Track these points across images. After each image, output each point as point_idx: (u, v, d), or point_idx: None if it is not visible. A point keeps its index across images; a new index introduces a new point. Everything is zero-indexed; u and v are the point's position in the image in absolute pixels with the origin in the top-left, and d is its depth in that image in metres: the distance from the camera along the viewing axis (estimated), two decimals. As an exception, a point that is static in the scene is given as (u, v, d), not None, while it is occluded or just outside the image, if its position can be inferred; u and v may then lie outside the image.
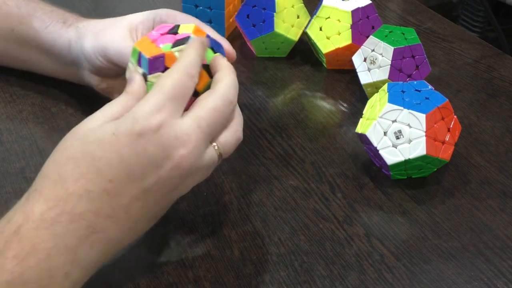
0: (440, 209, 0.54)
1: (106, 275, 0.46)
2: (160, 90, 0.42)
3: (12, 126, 0.61)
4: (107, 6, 0.87)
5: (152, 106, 0.41)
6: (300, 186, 0.55)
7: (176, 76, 0.43)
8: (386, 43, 0.63)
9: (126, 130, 0.40)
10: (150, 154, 0.40)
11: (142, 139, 0.40)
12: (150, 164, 0.40)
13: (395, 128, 0.53)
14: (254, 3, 0.72)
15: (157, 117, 0.41)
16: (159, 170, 0.41)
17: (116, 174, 0.39)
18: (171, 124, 0.41)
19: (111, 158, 0.39)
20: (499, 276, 0.48)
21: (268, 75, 0.72)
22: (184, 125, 0.42)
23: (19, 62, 0.65)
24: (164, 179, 0.41)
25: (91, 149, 0.39)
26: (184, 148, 0.41)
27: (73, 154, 0.39)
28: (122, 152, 0.39)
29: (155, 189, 0.41)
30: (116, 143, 0.39)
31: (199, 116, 0.42)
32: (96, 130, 0.40)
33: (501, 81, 0.73)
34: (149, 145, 0.40)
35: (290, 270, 0.47)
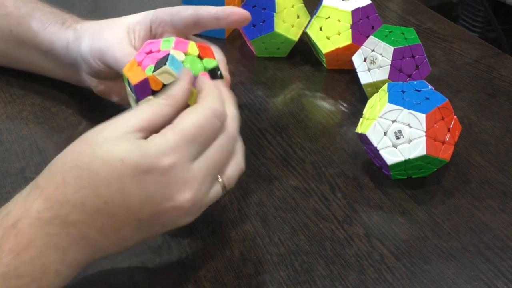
0: (440, 209, 0.54)
1: (106, 275, 0.46)
2: (180, 130, 0.40)
3: (12, 126, 0.61)
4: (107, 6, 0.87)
5: (168, 145, 0.40)
6: (300, 186, 0.55)
7: (201, 116, 0.41)
8: (386, 43, 0.63)
9: (134, 162, 0.39)
10: (152, 192, 0.40)
11: (147, 176, 0.39)
12: (150, 201, 0.40)
13: (395, 128, 0.53)
14: (254, 3, 0.72)
15: (170, 158, 0.39)
16: (158, 207, 0.40)
17: (112, 198, 0.39)
18: (181, 168, 0.40)
19: (112, 182, 0.39)
20: (499, 276, 0.48)
21: (268, 75, 0.72)
22: (194, 168, 0.41)
23: (18, 62, 0.65)
24: (162, 216, 0.41)
25: (97, 165, 0.39)
26: (189, 192, 0.40)
27: (80, 163, 0.39)
28: (124, 181, 0.39)
29: (150, 220, 0.41)
30: (121, 170, 0.39)
31: (209, 156, 0.41)
32: (109, 144, 0.39)
33: (501, 81, 0.73)
34: (153, 185, 0.39)
35: (290, 270, 0.47)
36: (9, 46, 0.63)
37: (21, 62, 0.65)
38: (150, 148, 0.39)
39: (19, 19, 0.61)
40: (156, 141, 0.40)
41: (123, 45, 0.54)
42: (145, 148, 0.39)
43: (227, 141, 0.43)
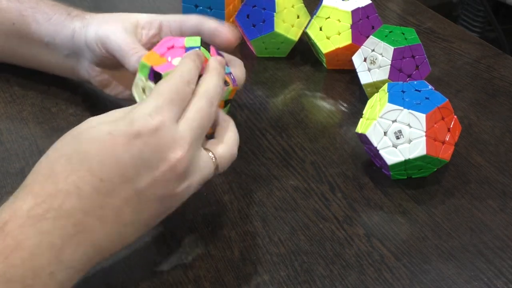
0: (440, 209, 0.54)
1: (106, 275, 0.46)
2: (158, 94, 0.42)
3: (12, 126, 0.61)
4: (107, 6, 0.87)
5: (151, 108, 0.41)
6: (300, 186, 0.55)
7: (173, 82, 0.44)
8: (386, 43, 0.63)
9: (123, 130, 0.40)
10: (146, 156, 0.40)
11: (138, 140, 0.40)
12: (145, 166, 0.40)
13: (395, 128, 0.53)
14: (254, 3, 0.72)
15: (156, 119, 0.41)
16: (154, 171, 0.40)
17: (108, 173, 0.39)
18: (168, 127, 0.41)
19: (105, 157, 0.39)
20: (499, 276, 0.48)
21: (268, 75, 0.72)
22: (180, 128, 0.42)
23: (19, 57, 0.65)
24: (159, 181, 0.41)
25: (85, 147, 0.39)
26: (180, 150, 0.41)
27: (66, 151, 0.39)
28: (117, 152, 0.39)
29: (149, 191, 0.41)
30: (112, 142, 0.39)
31: (189, 118, 0.43)
32: (92, 129, 0.40)
33: (501, 81, 0.73)
34: (145, 147, 0.40)
35: (290, 270, 0.47)
36: (10, 40, 0.63)
37: (21, 57, 0.65)
38: (134, 114, 0.41)
39: (22, 12, 0.62)
40: (138, 108, 0.41)
41: (128, 35, 0.55)
42: (129, 116, 0.41)
43: (205, 104, 0.44)
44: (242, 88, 0.69)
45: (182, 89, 0.44)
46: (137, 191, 0.40)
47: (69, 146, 0.40)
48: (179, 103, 0.43)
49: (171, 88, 0.43)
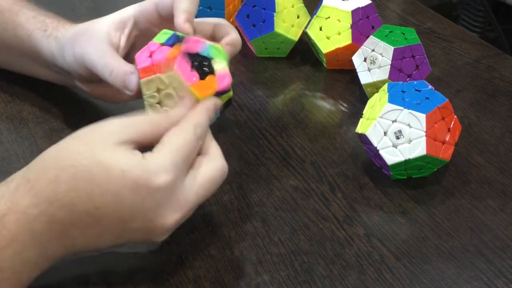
0: (440, 209, 0.54)
1: (106, 275, 0.46)
2: (176, 148, 0.42)
3: (12, 126, 0.61)
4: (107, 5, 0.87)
5: (166, 162, 0.41)
6: (300, 186, 0.55)
7: (189, 137, 0.43)
8: (386, 43, 0.63)
9: (134, 175, 0.40)
10: (146, 207, 0.41)
11: (144, 191, 0.40)
12: (142, 215, 0.41)
13: (395, 128, 0.53)
14: (254, 3, 0.72)
15: (169, 175, 0.41)
16: (148, 222, 0.41)
17: (105, 205, 0.40)
18: (176, 187, 0.41)
19: (108, 191, 0.39)
20: (499, 276, 0.48)
21: (268, 75, 0.72)
22: (186, 189, 0.42)
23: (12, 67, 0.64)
24: (148, 229, 0.42)
25: (95, 171, 0.39)
26: (180, 213, 0.42)
27: (77, 164, 0.39)
28: (120, 192, 0.40)
29: (136, 231, 0.42)
30: (120, 181, 0.40)
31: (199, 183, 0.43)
32: (109, 153, 0.40)
33: (501, 81, 0.73)
34: (148, 200, 0.40)
35: (290, 270, 0.47)
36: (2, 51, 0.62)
37: (14, 67, 0.64)
38: (151, 164, 0.41)
39: (4, 25, 0.60)
40: (154, 158, 0.41)
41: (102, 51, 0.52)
42: (145, 164, 0.40)
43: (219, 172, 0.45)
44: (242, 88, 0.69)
45: (195, 147, 0.43)
46: (125, 229, 0.41)
47: (82, 161, 0.40)
48: (190, 160, 0.43)
49: (188, 145, 0.43)
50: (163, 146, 0.42)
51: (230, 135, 0.62)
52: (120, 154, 0.40)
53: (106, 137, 0.41)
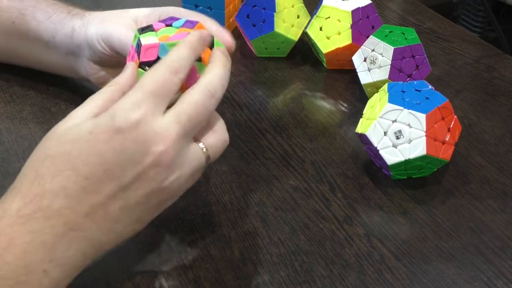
0: (440, 209, 0.54)
1: (106, 275, 0.46)
2: (140, 87, 0.41)
3: (12, 126, 0.61)
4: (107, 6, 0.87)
5: (131, 102, 0.40)
6: (300, 186, 0.55)
7: (158, 73, 0.42)
8: (386, 43, 0.63)
9: (104, 127, 0.40)
10: (128, 151, 0.40)
11: (119, 135, 0.39)
12: (128, 161, 0.40)
13: (395, 128, 0.53)
14: (254, 3, 0.72)
15: (136, 113, 0.40)
16: (138, 166, 0.40)
17: (92, 171, 0.39)
18: (150, 121, 0.40)
19: (88, 155, 0.39)
20: (499, 276, 0.48)
21: (268, 75, 0.72)
22: (164, 120, 0.41)
23: (19, 56, 0.65)
24: (143, 176, 0.40)
25: (68, 148, 0.39)
26: (163, 143, 0.40)
27: (50, 153, 0.39)
28: (99, 149, 0.39)
29: (135, 187, 0.40)
30: (94, 140, 0.39)
31: (179, 111, 0.42)
32: (74, 128, 0.40)
33: (501, 81, 0.73)
34: (127, 142, 0.40)
35: (290, 270, 0.47)
36: (10, 38, 0.63)
37: (21, 56, 0.65)
38: (115, 110, 0.40)
39: (22, 10, 0.62)
40: (119, 104, 0.41)
41: (130, 30, 0.54)
42: (110, 112, 0.40)
43: (203, 98, 0.43)
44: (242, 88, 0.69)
45: (168, 79, 0.42)
46: (122, 187, 0.40)
47: (53, 148, 0.40)
48: (164, 94, 0.42)
49: (154, 79, 0.42)
50: (132, 89, 0.42)
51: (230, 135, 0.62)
52: (83, 123, 0.40)
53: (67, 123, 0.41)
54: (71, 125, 0.41)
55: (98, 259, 0.42)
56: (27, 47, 0.63)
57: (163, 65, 0.43)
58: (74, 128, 0.40)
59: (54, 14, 0.61)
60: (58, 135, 0.40)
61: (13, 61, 0.67)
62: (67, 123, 0.41)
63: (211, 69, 0.45)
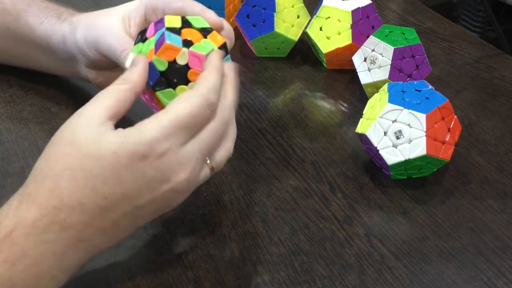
0: (440, 209, 0.54)
1: (106, 275, 0.46)
2: (175, 116, 0.41)
3: (12, 126, 0.61)
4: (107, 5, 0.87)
5: (162, 132, 0.40)
6: (300, 186, 0.55)
7: (195, 104, 0.41)
8: (386, 43, 0.63)
9: (129, 152, 0.39)
10: (149, 178, 0.40)
11: (142, 163, 0.40)
12: (147, 187, 0.40)
13: (395, 128, 0.53)
14: (254, 3, 0.72)
15: (164, 144, 0.40)
16: (155, 192, 0.41)
17: (111, 192, 0.39)
18: (175, 152, 0.41)
19: (109, 176, 0.39)
20: (499, 276, 0.48)
21: (268, 75, 0.72)
22: (187, 151, 0.41)
23: (18, 59, 0.65)
24: (158, 199, 0.41)
25: (90, 164, 0.39)
26: (183, 173, 0.41)
27: (70, 166, 0.39)
28: (121, 172, 0.39)
29: (148, 206, 0.41)
30: (116, 162, 0.39)
31: (201, 139, 0.42)
32: (95, 142, 0.39)
33: (501, 81, 0.73)
34: (149, 170, 0.40)
35: (290, 270, 0.47)
36: (7, 43, 0.63)
37: (20, 59, 0.65)
38: (142, 135, 0.40)
39: (15, 16, 0.61)
40: (148, 127, 0.40)
41: (117, 32, 0.54)
42: (136, 136, 0.40)
43: (220, 126, 0.43)
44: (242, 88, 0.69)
45: (203, 113, 0.42)
46: (136, 207, 0.41)
47: (73, 160, 0.39)
48: (195, 127, 0.42)
49: (190, 111, 0.41)
50: (162, 112, 0.41)
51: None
52: (106, 138, 0.40)
53: (83, 128, 0.40)
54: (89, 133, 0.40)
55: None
56: (25, 51, 0.63)
57: (199, 96, 0.42)
58: (96, 141, 0.40)
59: (45, 20, 0.60)
60: (78, 145, 0.40)
61: (13, 63, 0.67)
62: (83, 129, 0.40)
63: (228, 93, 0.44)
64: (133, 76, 0.43)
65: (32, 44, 0.62)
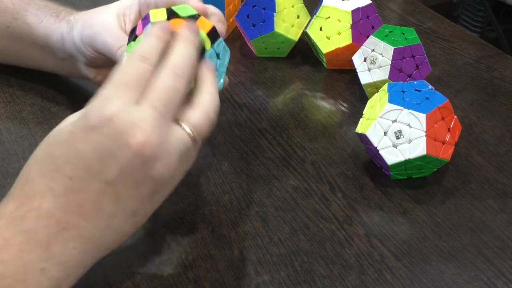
0: (440, 209, 0.54)
1: (106, 275, 0.46)
2: (110, 81, 0.41)
3: (12, 126, 0.61)
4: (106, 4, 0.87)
5: (102, 99, 0.40)
6: (300, 186, 0.55)
7: (126, 64, 0.41)
8: (386, 43, 0.63)
9: (81, 126, 0.40)
10: (106, 146, 0.39)
11: (95, 131, 0.39)
12: (108, 156, 0.39)
13: (395, 128, 0.53)
14: (254, 3, 0.72)
15: (107, 108, 0.39)
16: (119, 160, 0.39)
17: (75, 170, 0.39)
18: (124, 112, 0.39)
19: (69, 155, 0.39)
20: (499, 276, 0.48)
21: (268, 75, 0.72)
22: (139, 110, 0.40)
23: (17, 58, 0.66)
24: (127, 168, 0.39)
25: (51, 149, 0.40)
26: (141, 133, 0.39)
27: (38, 157, 0.40)
28: (78, 148, 0.39)
29: (121, 180, 0.40)
30: (72, 140, 0.39)
31: (152, 98, 0.41)
32: (58, 130, 0.41)
33: (501, 81, 0.73)
34: (103, 137, 0.39)
35: (290, 270, 0.47)
36: (7, 42, 0.63)
37: (19, 58, 0.65)
38: (89, 109, 0.40)
39: (15, 15, 0.61)
40: (92, 101, 0.40)
41: (113, 29, 0.54)
42: (84, 111, 0.40)
43: (172, 81, 0.42)
44: (242, 88, 0.69)
45: (137, 68, 0.41)
46: (108, 182, 0.39)
47: (40, 152, 0.41)
48: (135, 84, 0.41)
49: (123, 71, 0.41)
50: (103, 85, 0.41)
51: (230, 135, 0.62)
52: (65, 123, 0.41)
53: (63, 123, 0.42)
54: (59, 128, 0.41)
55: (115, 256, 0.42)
56: (25, 50, 0.63)
57: (131, 56, 0.42)
58: (58, 130, 0.41)
59: (44, 19, 0.60)
60: (46, 140, 0.41)
61: (13, 62, 0.67)
62: (57, 127, 0.42)
63: (175, 48, 0.43)
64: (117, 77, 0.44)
65: (32, 43, 0.62)
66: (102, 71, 0.59)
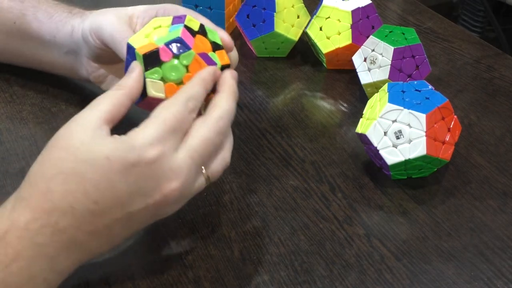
0: (440, 209, 0.54)
1: (106, 275, 0.46)
2: (162, 121, 0.41)
3: (12, 126, 0.61)
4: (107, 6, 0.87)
5: (152, 136, 0.41)
6: (300, 186, 0.55)
7: (177, 109, 0.42)
8: (386, 43, 0.63)
9: (121, 157, 0.40)
10: (141, 185, 0.40)
11: (135, 169, 0.40)
12: (139, 194, 0.41)
13: (395, 128, 0.53)
14: (254, 3, 0.72)
15: (156, 149, 0.40)
16: (147, 199, 0.41)
17: (102, 197, 0.39)
18: (167, 158, 0.41)
19: (100, 181, 0.39)
20: (499, 276, 0.48)
21: (268, 75, 0.72)
22: (178, 157, 0.42)
23: (20, 56, 0.65)
24: (151, 207, 0.41)
25: (82, 168, 0.39)
26: (176, 181, 0.41)
27: (63, 170, 0.40)
28: (112, 178, 0.39)
29: (140, 214, 0.41)
30: (108, 167, 0.39)
31: (192, 147, 0.42)
32: (89, 146, 0.40)
33: (501, 81, 0.73)
34: (142, 176, 0.40)
35: (290, 270, 0.47)
36: (11, 38, 0.63)
37: (22, 56, 0.65)
38: (134, 141, 0.40)
39: (23, 10, 0.62)
40: (139, 134, 0.41)
41: (121, 25, 0.54)
42: (128, 143, 0.40)
43: (214, 135, 0.43)
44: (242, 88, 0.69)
45: (185, 118, 0.43)
46: (128, 213, 0.41)
47: (66, 164, 0.40)
48: (181, 132, 0.42)
49: (174, 116, 0.42)
50: (149, 120, 0.42)
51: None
52: (100, 142, 0.40)
53: (79, 132, 0.41)
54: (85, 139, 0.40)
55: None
56: (28, 46, 0.63)
57: (181, 103, 0.43)
58: (90, 146, 0.40)
59: (55, 14, 0.61)
60: (72, 150, 0.40)
61: (14, 61, 0.67)
62: (79, 134, 0.40)
63: (222, 102, 0.45)
64: (128, 82, 0.44)
65: (37, 39, 0.62)
66: (102, 67, 0.60)
